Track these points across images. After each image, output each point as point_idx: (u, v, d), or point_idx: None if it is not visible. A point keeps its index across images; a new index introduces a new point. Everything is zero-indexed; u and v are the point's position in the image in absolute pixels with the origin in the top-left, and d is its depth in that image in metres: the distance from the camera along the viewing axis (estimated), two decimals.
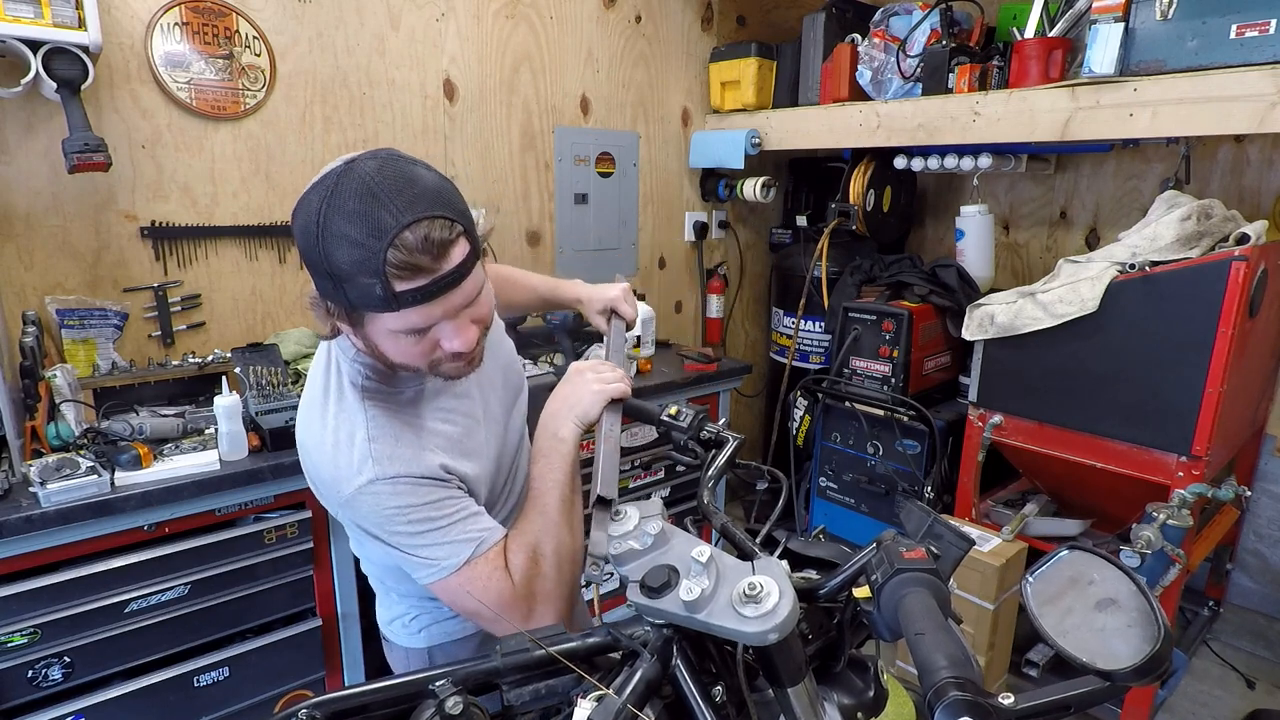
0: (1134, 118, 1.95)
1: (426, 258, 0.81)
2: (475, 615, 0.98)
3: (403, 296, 0.82)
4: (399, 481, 0.92)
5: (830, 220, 2.85)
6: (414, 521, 0.93)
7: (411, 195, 0.81)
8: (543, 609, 0.97)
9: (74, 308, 1.83)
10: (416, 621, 1.17)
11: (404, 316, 0.84)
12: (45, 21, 1.58)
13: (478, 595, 0.94)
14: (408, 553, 0.95)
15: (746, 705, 0.76)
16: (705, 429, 1.16)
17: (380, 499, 0.92)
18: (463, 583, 0.94)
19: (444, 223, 0.82)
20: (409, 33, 2.28)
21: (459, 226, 0.84)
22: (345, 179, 0.82)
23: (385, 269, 0.79)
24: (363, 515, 0.95)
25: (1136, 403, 1.96)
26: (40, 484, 1.42)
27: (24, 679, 1.45)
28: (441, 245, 0.82)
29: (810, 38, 2.83)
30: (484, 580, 0.95)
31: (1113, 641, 0.64)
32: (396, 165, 0.84)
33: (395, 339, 0.88)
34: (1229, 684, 2.38)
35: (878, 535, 0.75)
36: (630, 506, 0.84)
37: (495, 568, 0.95)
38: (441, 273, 0.83)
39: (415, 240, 0.80)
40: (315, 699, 0.76)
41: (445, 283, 0.84)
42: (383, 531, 0.95)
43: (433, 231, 0.81)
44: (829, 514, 2.80)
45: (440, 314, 0.87)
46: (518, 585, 0.96)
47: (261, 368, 1.86)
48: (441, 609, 1.15)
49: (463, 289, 0.87)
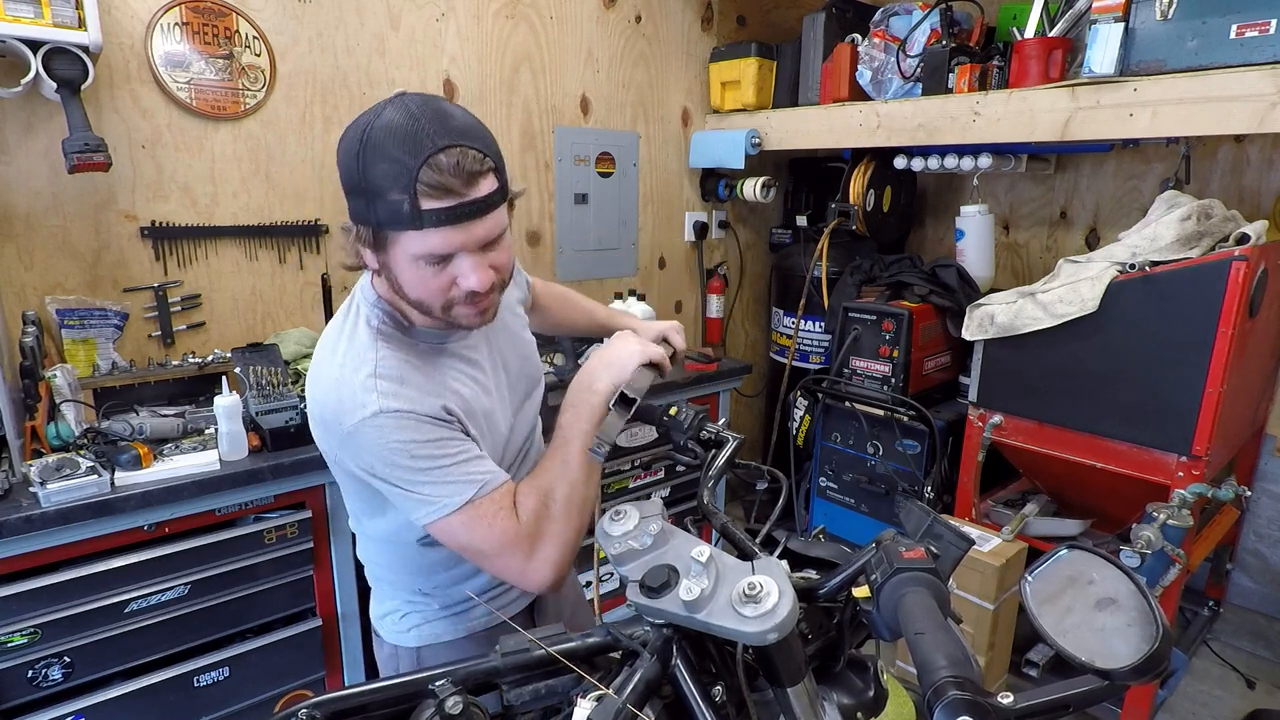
0: (1134, 118, 1.95)
1: (457, 180, 0.86)
2: (475, 553, 0.99)
3: (428, 215, 0.86)
4: (404, 416, 0.93)
5: (830, 220, 2.85)
6: (416, 458, 0.93)
7: (450, 126, 0.88)
8: (547, 550, 0.98)
9: (74, 308, 1.83)
10: (407, 619, 1.17)
11: (426, 237, 0.88)
12: (45, 21, 1.58)
13: (480, 534, 0.95)
14: (406, 489, 0.95)
15: (746, 705, 0.76)
16: (705, 429, 1.16)
17: (384, 432, 0.93)
18: (465, 521, 0.95)
19: (477, 154, 0.88)
20: (409, 33, 2.28)
21: (490, 161, 0.90)
22: (392, 105, 0.89)
23: (416, 185, 0.85)
24: (364, 448, 0.94)
25: (1136, 403, 1.96)
26: (40, 484, 1.42)
27: (24, 679, 1.45)
28: (471, 173, 0.87)
29: (810, 38, 2.83)
30: (488, 519, 0.95)
31: (1112, 641, 0.64)
32: (439, 102, 0.91)
33: (416, 267, 0.92)
34: (1229, 684, 2.38)
35: (877, 535, 0.75)
36: (630, 506, 0.84)
37: (500, 508, 0.96)
38: (468, 198, 0.88)
39: (448, 163, 0.85)
40: (315, 699, 0.76)
41: (470, 209, 0.88)
42: (383, 465, 0.94)
43: (465, 159, 0.86)
44: (829, 514, 2.80)
45: (460, 243, 0.90)
46: (524, 525, 0.97)
47: (261, 368, 1.86)
48: (432, 607, 1.16)
49: (485, 222, 0.91)
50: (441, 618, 1.16)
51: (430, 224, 0.87)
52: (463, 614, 1.17)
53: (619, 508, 0.84)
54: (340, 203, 2.54)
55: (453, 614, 1.17)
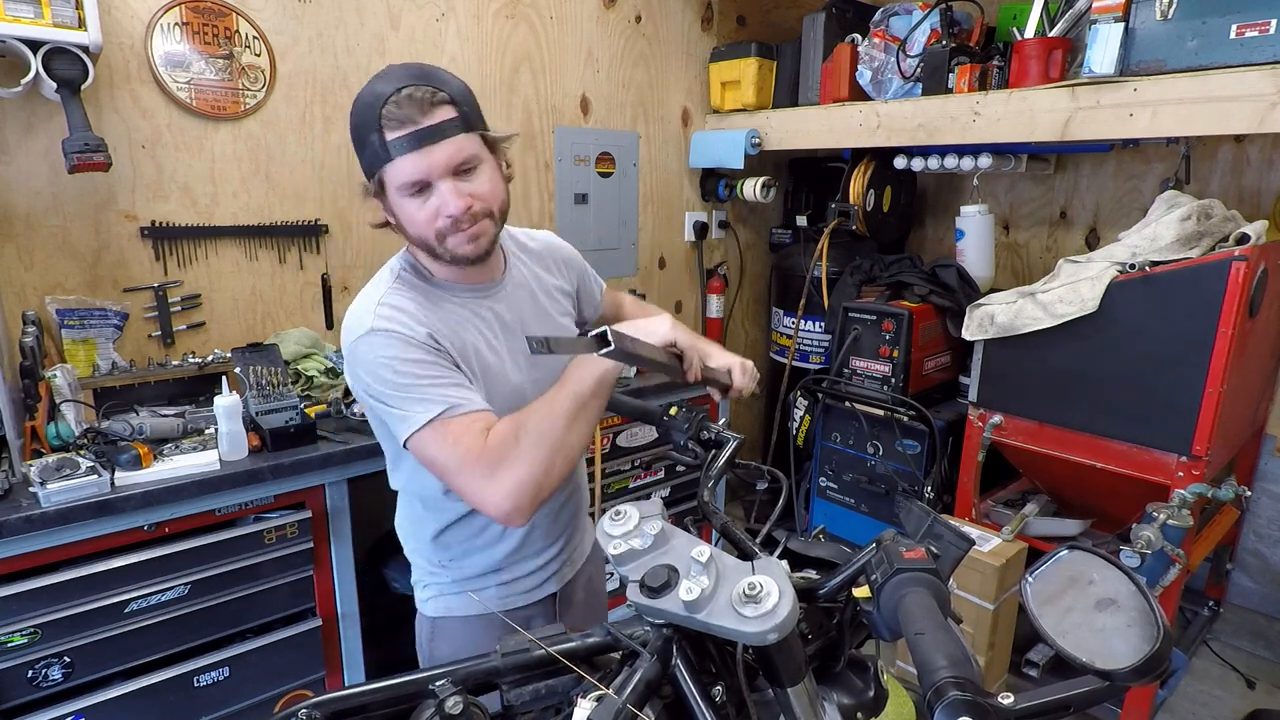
0: (1134, 118, 1.95)
1: (413, 109, 0.98)
2: (441, 469, 1.03)
3: (393, 145, 0.99)
4: (392, 335, 1.03)
5: (830, 220, 2.85)
6: (398, 373, 1.01)
7: (410, 72, 1.01)
8: (505, 476, 0.97)
9: (74, 308, 1.83)
10: (428, 589, 1.25)
11: (398, 166, 1.00)
12: (45, 21, 1.58)
13: (445, 450, 1.00)
14: (390, 405, 1.02)
15: (746, 705, 0.76)
16: (705, 429, 1.16)
17: (374, 348, 1.03)
18: (432, 438, 1.00)
19: (429, 89, 1.00)
20: (409, 33, 2.28)
21: (443, 94, 1.01)
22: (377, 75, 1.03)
23: (380, 121, 0.98)
24: (359, 364, 1.04)
25: (1136, 403, 1.96)
26: (40, 484, 1.42)
27: (24, 679, 1.45)
28: (424, 103, 0.99)
29: (810, 38, 2.83)
30: (454, 436, 1.00)
31: (1112, 641, 0.64)
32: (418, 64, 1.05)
33: (404, 202, 1.03)
34: (1229, 684, 2.38)
35: (877, 535, 0.75)
36: (630, 506, 0.84)
37: (468, 430, 1.00)
38: (423, 125, 0.99)
39: (402, 97, 0.98)
40: (315, 699, 0.76)
41: (427, 133, 0.99)
42: (374, 380, 1.03)
43: (418, 93, 0.99)
44: (829, 514, 2.80)
45: (426, 166, 1.00)
46: (489, 448, 0.99)
47: (261, 368, 1.86)
48: (445, 580, 1.22)
49: (445, 146, 1.00)
50: (454, 593, 1.22)
51: (397, 153, 0.99)
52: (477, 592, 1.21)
53: (619, 508, 0.84)
54: (340, 203, 2.55)
55: (465, 590, 1.21)
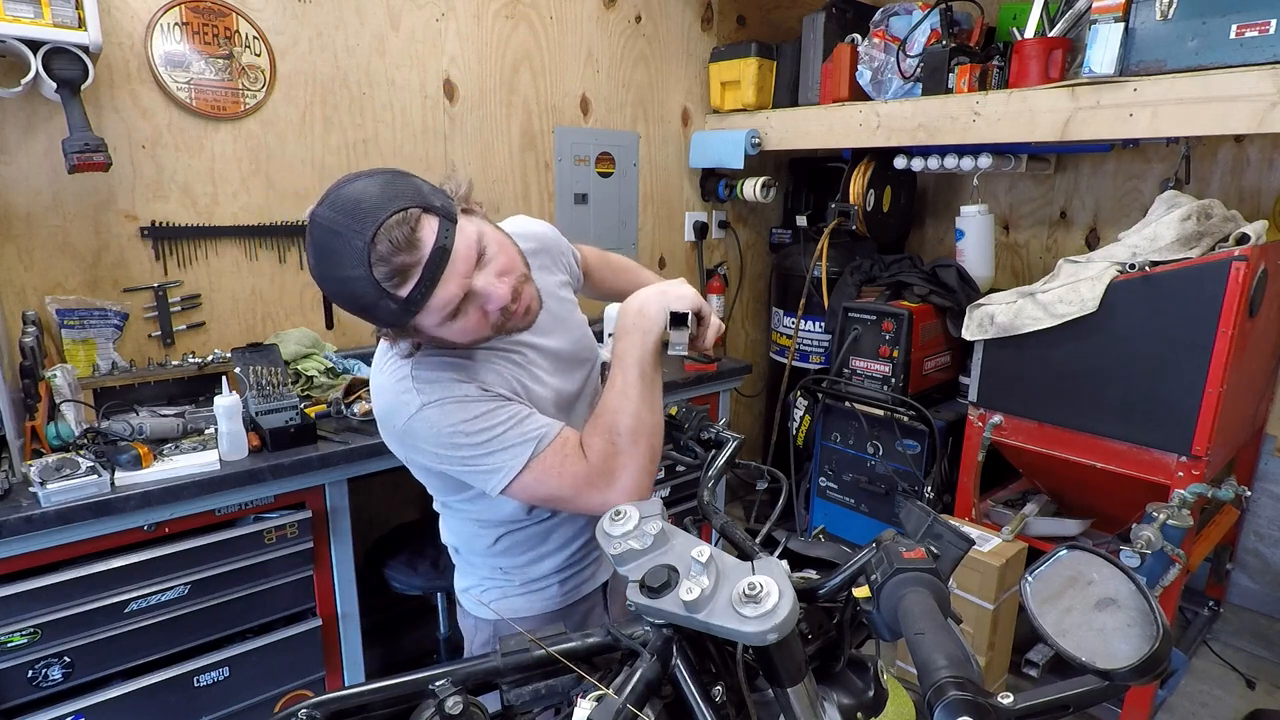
0: (1134, 118, 1.95)
1: (403, 256, 0.85)
2: (557, 501, 1.03)
3: (411, 298, 0.87)
4: (446, 402, 0.97)
5: (830, 220, 2.85)
6: (471, 434, 0.97)
7: (360, 214, 0.85)
8: (623, 479, 1.00)
9: (74, 308, 1.83)
10: (488, 594, 1.22)
11: (429, 313, 0.90)
12: (45, 21, 1.58)
13: (554, 484, 0.99)
14: (472, 466, 0.99)
15: (746, 705, 0.76)
16: (705, 429, 1.16)
17: (432, 423, 0.97)
18: (536, 477, 0.98)
19: (397, 216, 0.85)
20: (409, 33, 2.28)
21: (413, 210, 0.87)
22: (314, 233, 0.88)
23: (382, 286, 0.85)
24: (422, 442, 0.99)
25: (1136, 403, 1.96)
26: (40, 484, 1.42)
27: (24, 679, 1.45)
28: (407, 238, 0.85)
29: (810, 38, 2.83)
30: (556, 469, 0.99)
31: (1112, 641, 0.64)
32: (341, 195, 0.88)
33: (445, 327, 0.94)
34: (1229, 684, 2.38)
35: (877, 535, 0.75)
36: (630, 506, 0.84)
37: (564, 456, 0.99)
38: (425, 258, 0.86)
39: (384, 249, 0.84)
40: (315, 699, 0.76)
41: (435, 263, 0.87)
42: (445, 450, 0.99)
43: (392, 232, 0.84)
44: (829, 514, 2.80)
45: (457, 289, 0.90)
46: (594, 465, 0.99)
47: (261, 368, 1.86)
48: (513, 583, 1.20)
49: (457, 258, 0.89)
50: (520, 594, 1.21)
51: (418, 302, 0.88)
52: (539, 591, 1.21)
53: (619, 508, 0.84)
54: None
55: (531, 591, 1.21)
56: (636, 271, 1.52)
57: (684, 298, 1.04)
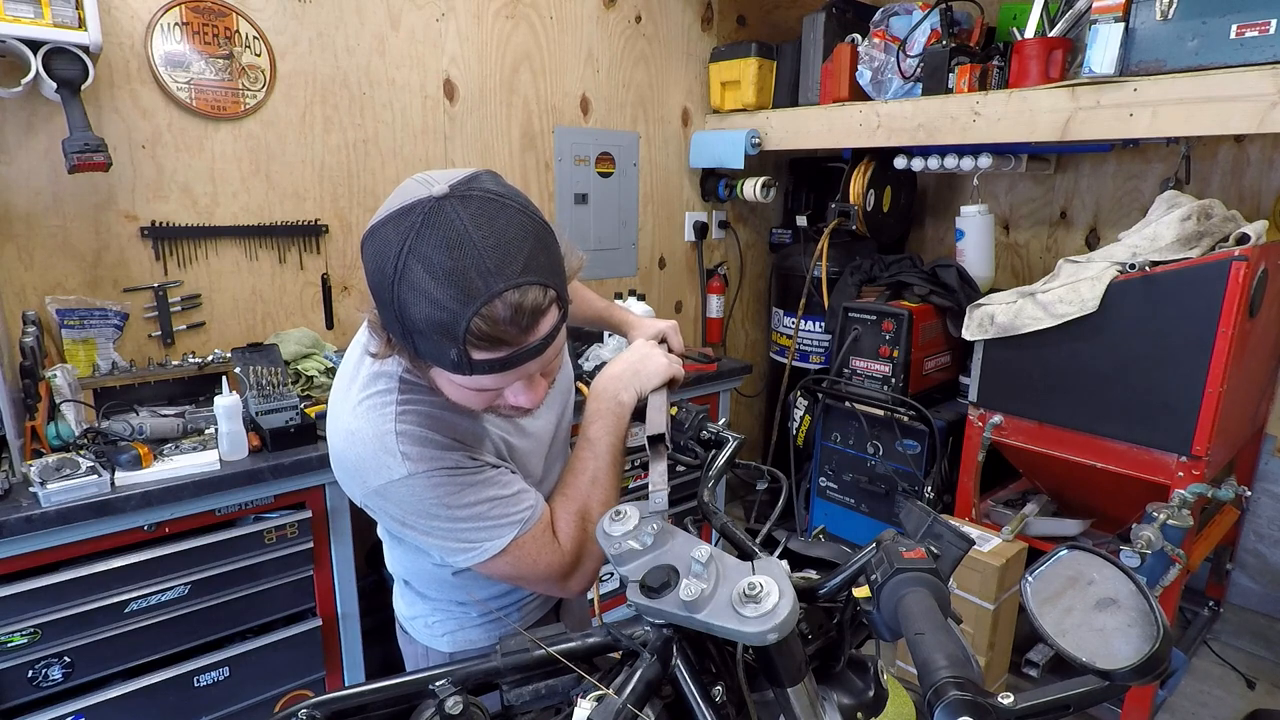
0: (1134, 118, 1.95)
1: (513, 329, 0.74)
2: (519, 581, 1.00)
3: (479, 365, 0.76)
4: (434, 474, 0.89)
5: (830, 220, 2.85)
6: (453, 508, 0.90)
7: (505, 254, 0.72)
8: (587, 565, 1.00)
9: (74, 308, 1.83)
10: (440, 625, 1.16)
11: (476, 380, 0.80)
12: (45, 21, 1.58)
13: (525, 569, 0.96)
14: (444, 540, 0.92)
15: (746, 705, 0.76)
16: (705, 429, 1.16)
17: (417, 494, 0.89)
18: (510, 561, 0.94)
19: (538, 290, 0.75)
20: (409, 33, 2.28)
21: (552, 292, 0.77)
22: (432, 221, 0.72)
23: (466, 338, 0.72)
24: (393, 504, 0.91)
25: (1136, 403, 1.96)
26: (40, 484, 1.42)
27: (24, 679, 1.45)
28: (533, 316, 0.75)
29: (810, 38, 2.83)
30: (532, 556, 0.95)
31: (1112, 641, 0.64)
32: (490, 211, 0.74)
33: (459, 389, 0.85)
34: (1229, 684, 2.38)
35: (877, 535, 0.75)
36: (630, 506, 0.84)
37: (542, 544, 0.96)
38: (527, 346, 0.77)
39: (504, 312, 0.73)
40: (315, 699, 0.76)
41: (528, 353, 0.78)
42: (419, 519, 0.91)
43: (525, 300, 0.73)
44: (829, 514, 2.80)
45: (514, 379, 0.83)
46: (567, 554, 0.97)
47: (261, 368, 1.86)
48: (470, 616, 1.15)
49: (544, 358, 0.81)
50: (477, 625, 1.15)
51: (482, 372, 0.77)
52: (500, 621, 1.17)
53: (619, 508, 0.84)
54: (340, 203, 2.54)
55: (489, 621, 1.16)
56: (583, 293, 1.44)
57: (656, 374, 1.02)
